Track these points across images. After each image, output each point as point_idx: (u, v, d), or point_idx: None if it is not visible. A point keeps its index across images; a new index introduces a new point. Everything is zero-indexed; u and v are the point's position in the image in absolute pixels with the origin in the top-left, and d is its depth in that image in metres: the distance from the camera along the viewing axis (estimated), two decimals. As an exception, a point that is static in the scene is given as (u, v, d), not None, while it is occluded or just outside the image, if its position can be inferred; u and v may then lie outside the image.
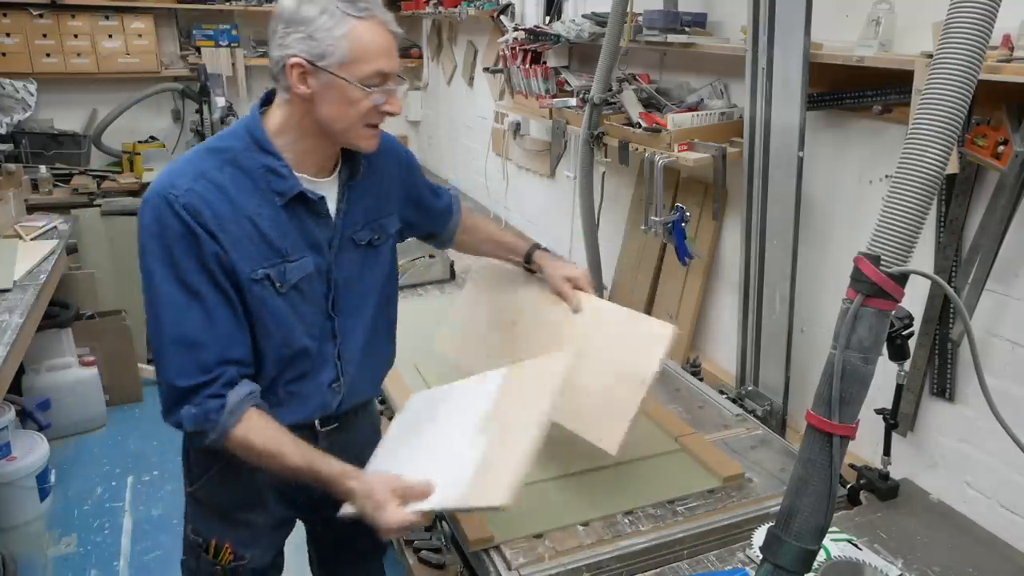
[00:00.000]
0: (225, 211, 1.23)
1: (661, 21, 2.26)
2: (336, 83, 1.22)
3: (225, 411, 1.22)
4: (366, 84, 1.22)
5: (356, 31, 1.20)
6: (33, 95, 4.18)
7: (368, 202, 1.42)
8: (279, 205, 1.28)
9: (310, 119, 1.26)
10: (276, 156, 1.27)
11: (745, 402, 2.07)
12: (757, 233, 2.04)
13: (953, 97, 0.92)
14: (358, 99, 1.23)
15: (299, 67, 1.21)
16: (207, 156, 1.27)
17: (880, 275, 0.94)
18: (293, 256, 1.30)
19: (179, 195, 1.20)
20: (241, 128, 1.30)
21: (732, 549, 1.44)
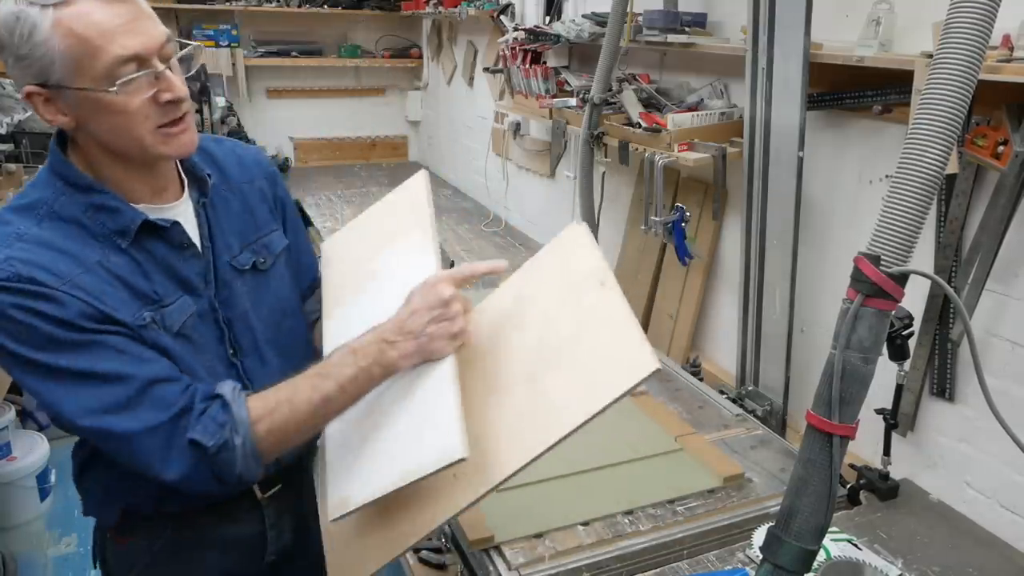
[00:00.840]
0: (65, 267, 0.97)
1: (661, 21, 2.26)
2: (83, 97, 0.95)
3: (229, 405, 1.03)
4: (111, 82, 0.94)
5: (63, 24, 0.91)
6: (33, 95, 4.18)
7: (237, 221, 1.19)
8: (125, 247, 1.03)
9: (96, 146, 1.02)
10: (100, 190, 1.02)
11: (745, 402, 2.07)
12: (757, 233, 2.04)
13: (953, 97, 0.92)
14: (119, 103, 0.95)
15: (35, 97, 0.96)
16: (15, 218, 1.00)
17: (880, 275, 0.94)
18: (167, 300, 1.07)
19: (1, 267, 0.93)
20: (44, 175, 1.04)
21: (732, 549, 1.44)
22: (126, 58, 0.94)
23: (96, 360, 0.98)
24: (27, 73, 0.94)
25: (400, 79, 5.31)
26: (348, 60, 4.98)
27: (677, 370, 2.19)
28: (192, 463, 1.01)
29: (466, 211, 4.09)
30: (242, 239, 1.19)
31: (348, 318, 1.21)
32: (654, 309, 2.73)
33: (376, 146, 5.36)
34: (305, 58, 4.87)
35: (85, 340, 0.97)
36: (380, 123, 5.36)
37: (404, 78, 5.32)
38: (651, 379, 1.07)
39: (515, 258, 3.26)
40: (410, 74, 5.31)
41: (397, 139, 5.44)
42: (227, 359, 1.17)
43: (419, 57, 5.22)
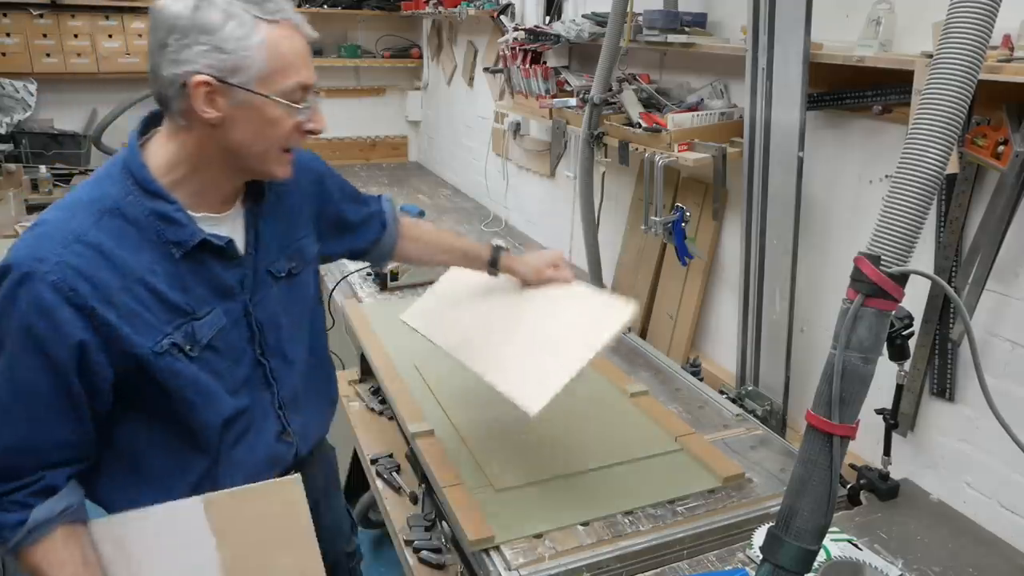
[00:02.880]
0: (110, 280, 1.01)
1: (661, 21, 2.26)
2: (254, 102, 1.02)
3: (22, 530, 1.03)
4: (289, 99, 1.04)
5: (273, 38, 1.02)
6: (33, 95, 4.18)
7: (280, 228, 1.25)
8: (177, 258, 1.08)
9: (214, 147, 1.06)
10: (167, 199, 1.06)
11: (745, 402, 2.07)
12: (757, 233, 2.04)
13: (953, 97, 0.92)
14: (279, 118, 1.05)
15: (205, 85, 1.00)
16: (81, 211, 1.03)
17: (880, 275, 0.94)
18: (201, 312, 1.11)
19: (48, 270, 0.98)
20: (118, 169, 1.07)
21: (732, 549, 1.44)
22: (304, 85, 1.07)
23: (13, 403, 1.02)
24: (208, 62, 0.99)
25: (400, 79, 5.31)
26: (348, 60, 4.98)
27: (677, 370, 2.19)
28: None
29: (466, 211, 4.09)
30: (281, 245, 1.25)
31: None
32: (654, 309, 2.73)
33: (376, 146, 5.36)
34: (305, 58, 4.86)
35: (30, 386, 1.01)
36: (380, 123, 5.35)
37: (404, 78, 5.32)
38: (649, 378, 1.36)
39: (515, 258, 3.27)
40: (410, 74, 5.31)
41: (397, 139, 5.44)
42: (255, 359, 1.22)
43: (419, 57, 5.22)
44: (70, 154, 4.33)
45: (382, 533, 2.74)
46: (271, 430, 1.26)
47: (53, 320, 0.99)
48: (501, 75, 3.42)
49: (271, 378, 1.24)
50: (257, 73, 1.02)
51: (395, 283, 2.75)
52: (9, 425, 1.03)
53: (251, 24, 1.00)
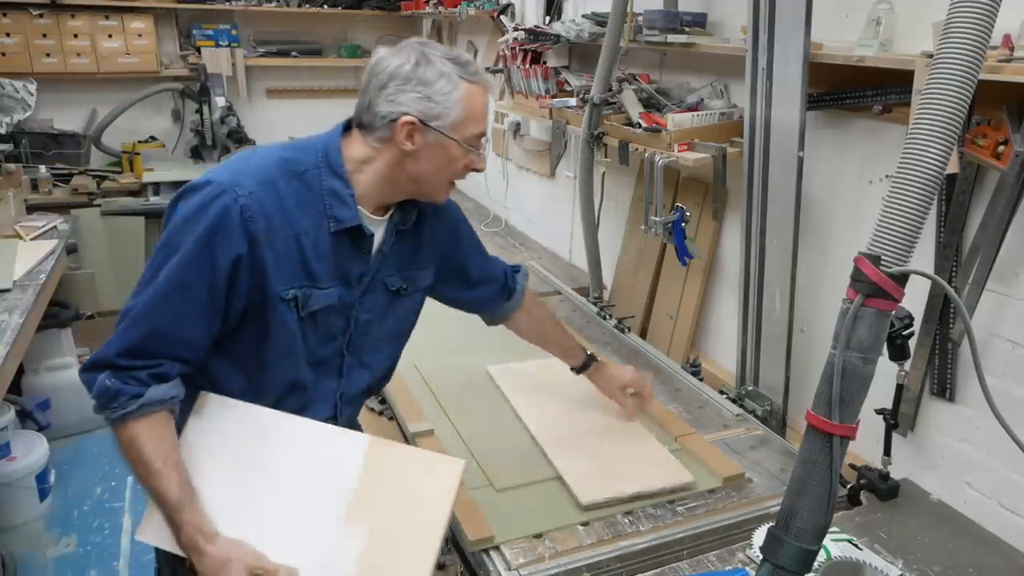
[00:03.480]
0: (279, 224, 1.21)
1: (661, 21, 2.26)
2: (444, 143, 1.24)
3: (137, 402, 1.15)
4: (469, 144, 1.26)
5: (470, 95, 1.24)
6: (33, 95, 4.18)
7: (408, 251, 1.41)
8: (330, 231, 1.26)
9: (399, 170, 1.26)
10: (346, 183, 1.26)
11: (745, 402, 2.07)
12: (757, 233, 2.04)
13: (953, 97, 0.92)
14: (458, 157, 1.27)
15: (411, 125, 1.21)
16: (276, 164, 1.24)
17: (880, 275, 0.94)
18: (323, 284, 1.27)
19: (241, 194, 1.17)
20: (319, 145, 1.28)
21: (732, 549, 1.44)
22: (482, 135, 1.29)
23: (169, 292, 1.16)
24: (418, 107, 1.21)
25: (400, 79, 5.30)
26: (348, 60, 4.98)
27: (677, 370, 2.19)
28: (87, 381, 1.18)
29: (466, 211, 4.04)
30: (401, 264, 1.40)
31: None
32: (654, 309, 2.73)
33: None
34: (305, 58, 4.86)
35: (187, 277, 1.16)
36: (380, 123, 5.35)
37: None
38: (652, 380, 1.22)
39: (514, 258, 3.27)
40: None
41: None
42: (340, 350, 1.36)
43: (419, 57, 5.21)
44: (70, 154, 4.33)
45: (382, 533, 2.74)
46: (323, 414, 1.36)
47: (229, 234, 1.16)
48: (501, 75, 3.42)
49: (343, 371, 1.38)
50: (452, 121, 1.23)
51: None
52: (161, 312, 1.17)
53: (456, 83, 1.22)
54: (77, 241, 3.70)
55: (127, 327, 1.17)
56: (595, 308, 2.62)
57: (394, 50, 1.25)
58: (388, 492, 1.20)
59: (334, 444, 1.25)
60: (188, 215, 1.17)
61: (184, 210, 1.18)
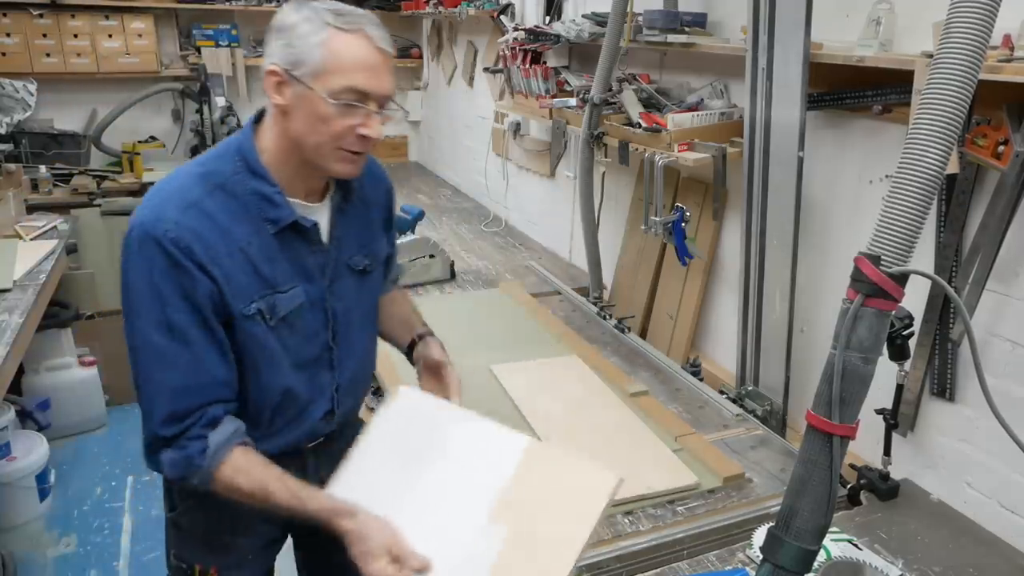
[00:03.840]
0: (217, 244, 1.15)
1: (661, 21, 2.26)
2: (307, 95, 1.13)
3: (208, 454, 1.15)
4: (335, 98, 1.13)
5: (334, 41, 1.12)
6: (33, 95, 4.18)
7: (360, 227, 1.36)
8: (271, 233, 1.20)
9: (287, 135, 1.18)
10: (268, 181, 1.19)
11: (745, 402, 2.07)
12: (757, 233, 2.04)
13: (953, 97, 0.92)
14: (328, 115, 1.14)
15: (275, 75, 1.14)
16: (195, 182, 1.18)
17: (880, 275, 0.94)
18: (283, 287, 1.23)
19: (168, 229, 1.12)
20: (232, 149, 1.21)
21: (732, 549, 1.44)
22: (356, 90, 1.14)
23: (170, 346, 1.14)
24: (281, 55, 1.13)
25: (400, 79, 5.30)
26: (348, 60, 4.97)
27: (677, 370, 2.19)
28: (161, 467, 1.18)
29: (466, 211, 4.09)
30: (360, 242, 1.35)
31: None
32: (654, 309, 2.73)
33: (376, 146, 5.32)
34: (305, 58, 4.86)
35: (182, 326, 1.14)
36: (380, 123, 5.35)
37: (404, 78, 5.31)
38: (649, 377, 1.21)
39: (515, 258, 3.27)
40: (410, 74, 5.31)
41: (397, 139, 5.44)
42: (326, 343, 1.32)
43: (419, 57, 5.22)
44: (70, 154, 4.33)
45: (382, 533, 2.74)
46: (321, 409, 1.35)
47: (185, 270, 1.12)
48: (501, 75, 3.42)
49: (334, 364, 1.34)
50: (312, 69, 1.12)
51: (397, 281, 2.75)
52: (171, 369, 1.15)
53: (319, 26, 1.12)
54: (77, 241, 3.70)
55: (149, 399, 1.16)
56: (595, 308, 2.62)
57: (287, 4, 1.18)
58: (537, 496, 1.16)
59: (494, 441, 1.24)
60: (137, 267, 1.14)
61: (129, 262, 1.15)
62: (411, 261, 2.78)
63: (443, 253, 2.89)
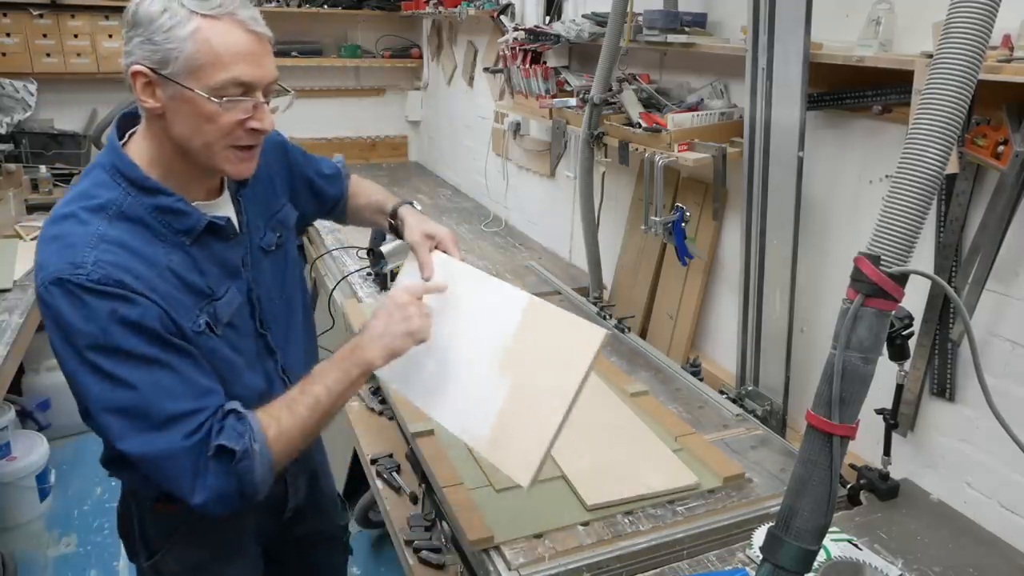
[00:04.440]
0: (142, 270, 1.05)
1: (661, 21, 2.26)
2: (183, 94, 1.03)
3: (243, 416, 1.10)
4: (219, 95, 1.03)
5: (203, 31, 1.01)
6: (33, 95, 4.18)
7: (260, 202, 1.30)
8: (188, 245, 1.12)
9: (168, 139, 1.08)
10: (165, 192, 1.10)
11: (745, 402, 2.07)
12: (757, 233, 2.04)
13: (953, 97, 0.92)
14: (213, 114, 1.04)
15: (141, 76, 1.04)
16: (90, 218, 1.05)
17: (880, 275, 0.94)
18: (219, 293, 1.17)
19: (88, 272, 1.00)
20: (106, 174, 1.10)
21: (732, 549, 1.44)
22: (240, 82, 1.05)
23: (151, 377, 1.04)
24: (144, 53, 1.03)
25: (400, 79, 5.31)
26: (348, 60, 4.97)
27: (677, 370, 2.19)
28: (220, 477, 1.07)
29: (466, 211, 4.09)
30: (265, 218, 1.30)
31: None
32: (654, 309, 2.72)
33: (376, 146, 5.36)
34: (305, 58, 4.86)
35: (150, 355, 1.04)
36: (380, 123, 5.35)
37: (404, 78, 5.32)
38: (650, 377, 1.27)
39: (515, 258, 3.27)
40: (410, 74, 5.31)
41: (397, 139, 5.44)
42: (257, 331, 1.27)
43: (419, 57, 5.21)
44: (70, 154, 4.33)
45: (382, 533, 2.74)
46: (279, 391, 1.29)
47: (127, 301, 1.02)
48: (501, 75, 3.42)
49: (272, 347, 1.30)
50: (184, 66, 1.02)
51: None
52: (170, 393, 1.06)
53: (183, 17, 1.01)
54: (77, 241, 3.70)
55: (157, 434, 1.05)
56: (595, 308, 2.62)
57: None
58: (536, 349, 1.26)
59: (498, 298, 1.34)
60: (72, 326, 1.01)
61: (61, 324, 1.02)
62: (411, 261, 2.77)
63: (443, 253, 2.89)
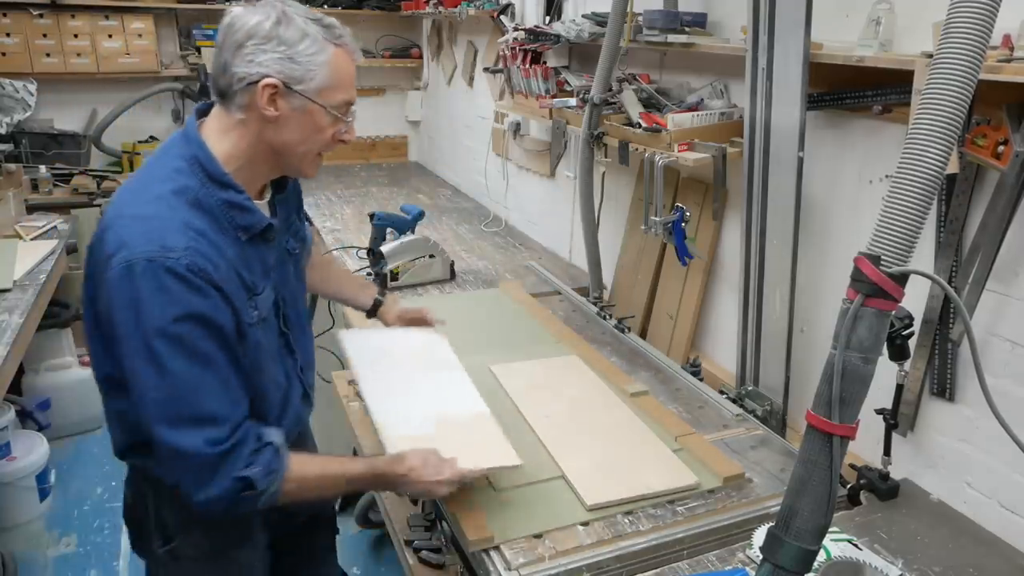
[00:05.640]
0: (219, 261, 1.14)
1: (661, 21, 2.26)
2: (309, 108, 1.18)
3: (281, 455, 1.21)
4: (334, 111, 1.21)
5: (336, 59, 1.18)
6: (33, 95, 4.18)
7: (288, 213, 1.42)
8: (243, 241, 1.21)
9: (265, 143, 1.20)
10: (236, 189, 1.20)
11: (745, 402, 2.07)
12: (757, 233, 2.04)
13: (953, 97, 0.92)
14: (325, 126, 1.21)
15: (272, 88, 1.15)
16: (177, 203, 1.14)
17: (880, 275, 0.94)
18: (259, 289, 1.26)
19: (179, 256, 1.09)
20: (187, 161, 1.18)
21: (732, 549, 1.44)
22: (348, 102, 1.23)
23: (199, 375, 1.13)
24: (279, 68, 1.14)
25: (400, 79, 5.31)
26: (348, 60, 4.98)
27: (677, 370, 2.19)
28: (230, 493, 1.17)
29: (466, 211, 4.09)
30: (289, 226, 1.41)
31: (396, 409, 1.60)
32: (654, 309, 2.73)
33: (376, 146, 5.37)
34: (305, 58, 4.86)
35: (207, 351, 1.13)
36: (380, 123, 5.36)
37: (404, 78, 5.32)
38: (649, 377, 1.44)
39: (515, 258, 3.27)
40: (410, 74, 5.31)
41: (397, 139, 5.44)
42: (280, 330, 1.36)
43: (419, 57, 5.22)
44: (70, 154, 4.34)
45: (382, 533, 2.74)
46: (298, 393, 1.42)
47: (206, 295, 1.11)
48: (501, 75, 3.42)
49: (292, 346, 1.40)
50: (318, 85, 1.17)
51: (395, 283, 2.75)
52: (211, 395, 1.15)
53: (322, 44, 1.17)
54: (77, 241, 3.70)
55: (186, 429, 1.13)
56: (595, 308, 2.62)
57: (251, 7, 1.18)
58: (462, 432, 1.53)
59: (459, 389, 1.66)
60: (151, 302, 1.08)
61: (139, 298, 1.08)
62: (411, 261, 2.78)
63: (443, 253, 2.89)
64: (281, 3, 1.17)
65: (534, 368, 2.06)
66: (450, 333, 1.96)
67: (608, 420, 1.82)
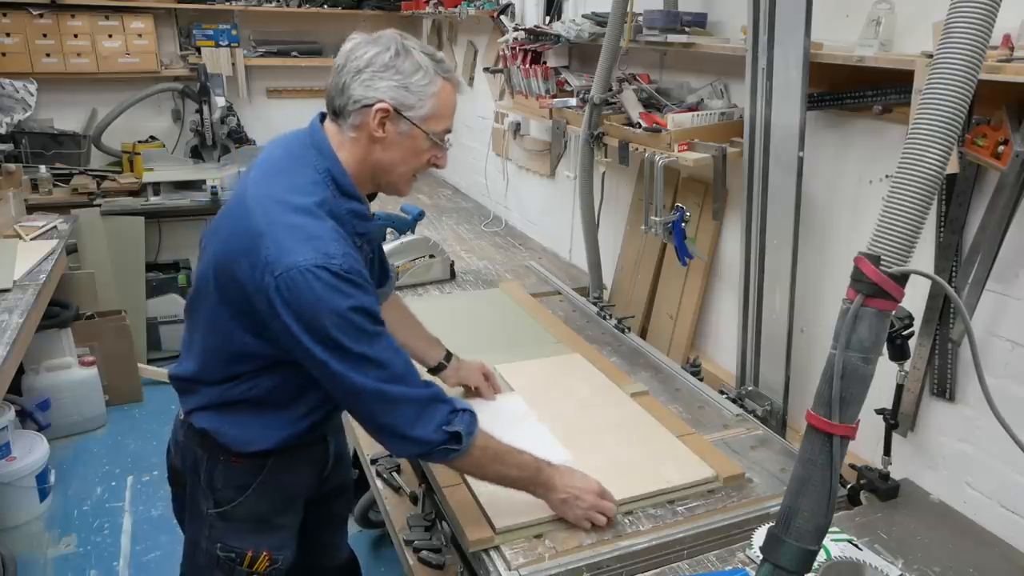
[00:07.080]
0: (359, 265, 1.28)
1: (661, 21, 2.26)
2: (414, 133, 1.31)
3: (476, 420, 1.37)
4: (435, 138, 1.33)
5: (443, 91, 1.31)
6: (33, 95, 4.18)
7: None
8: (358, 245, 1.34)
9: (370, 160, 1.33)
10: (359, 199, 1.35)
11: (745, 402, 2.07)
12: (757, 233, 2.04)
13: (953, 97, 0.92)
14: (424, 150, 1.34)
15: (384, 112, 1.27)
16: (321, 214, 1.28)
17: (880, 275, 0.94)
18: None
19: (340, 262, 1.22)
20: (319, 175, 1.31)
21: (732, 549, 1.44)
22: (447, 130, 1.37)
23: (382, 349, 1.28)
24: (393, 95, 1.27)
25: (400, 79, 5.30)
26: (348, 60, 4.98)
27: (677, 370, 2.19)
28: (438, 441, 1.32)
29: (466, 211, 4.09)
30: None
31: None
32: (654, 309, 2.73)
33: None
34: (305, 58, 4.86)
35: (378, 331, 1.27)
36: (380, 123, 5.35)
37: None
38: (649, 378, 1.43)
39: (515, 258, 3.27)
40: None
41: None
42: None
43: (419, 57, 5.21)
44: (70, 154, 4.34)
45: (382, 533, 2.74)
46: None
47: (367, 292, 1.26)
48: (501, 75, 3.42)
49: None
50: (425, 114, 1.30)
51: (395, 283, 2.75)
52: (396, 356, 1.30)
53: (433, 77, 1.30)
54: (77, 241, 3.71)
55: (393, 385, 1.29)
56: (595, 308, 2.62)
57: (372, 38, 1.30)
58: None
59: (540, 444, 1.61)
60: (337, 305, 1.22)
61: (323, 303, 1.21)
62: (411, 261, 2.78)
63: (443, 253, 2.89)
64: (400, 37, 1.30)
65: (540, 367, 2.06)
66: (450, 333, 1.96)
67: (619, 416, 1.82)
